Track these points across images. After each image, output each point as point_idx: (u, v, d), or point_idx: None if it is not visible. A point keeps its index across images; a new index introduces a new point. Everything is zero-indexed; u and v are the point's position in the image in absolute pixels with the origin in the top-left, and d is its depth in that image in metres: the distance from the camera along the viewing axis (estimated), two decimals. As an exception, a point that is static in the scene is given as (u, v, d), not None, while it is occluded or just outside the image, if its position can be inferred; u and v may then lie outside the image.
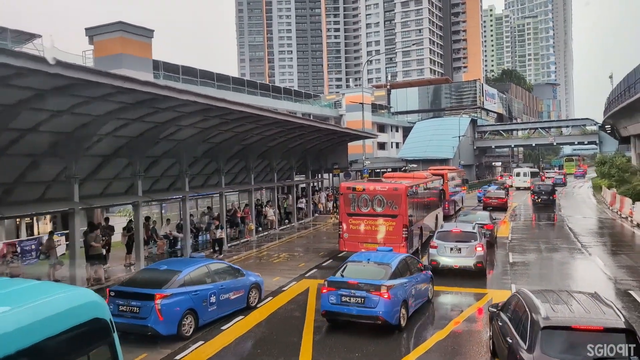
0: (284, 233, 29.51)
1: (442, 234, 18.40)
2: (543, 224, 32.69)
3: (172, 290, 11.61)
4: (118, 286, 12.30)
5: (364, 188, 20.55)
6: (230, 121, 20.55)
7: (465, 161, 69.21)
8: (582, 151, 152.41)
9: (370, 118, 73.23)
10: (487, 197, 40.66)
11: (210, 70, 52.69)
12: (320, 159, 37.69)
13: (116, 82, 12.55)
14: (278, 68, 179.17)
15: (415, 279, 13.37)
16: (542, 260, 21.08)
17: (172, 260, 15.74)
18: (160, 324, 11.28)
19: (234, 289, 13.50)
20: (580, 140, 74.84)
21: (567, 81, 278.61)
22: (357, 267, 12.93)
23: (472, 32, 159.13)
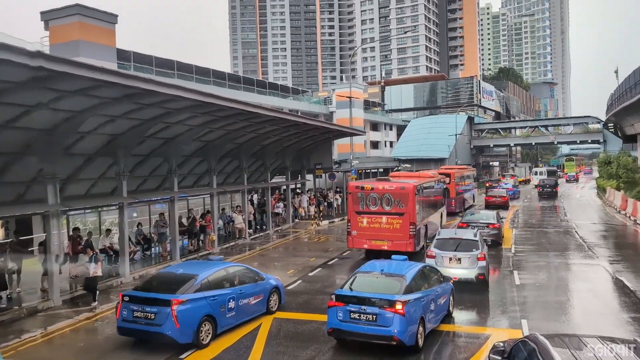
0: (256, 243, 25.78)
1: (441, 242, 16.72)
2: (550, 231, 29.01)
3: (189, 296, 11.00)
4: (132, 291, 11.61)
5: (373, 187, 21.00)
6: (174, 111, 16.96)
7: (462, 161, 65.60)
8: (580, 151, 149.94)
9: (363, 115, 69.56)
10: (490, 195, 42.18)
11: (188, 63, 48.95)
12: (302, 158, 34.02)
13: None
14: (272, 66, 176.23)
15: (434, 292, 11.95)
16: (556, 282, 17.32)
17: (188, 263, 15.29)
18: (176, 332, 10.61)
19: (254, 294, 12.84)
20: (582, 139, 71.25)
21: (564, 80, 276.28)
22: (368, 278, 11.53)
23: (468, 29, 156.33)
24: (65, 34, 33.19)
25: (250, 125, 22.52)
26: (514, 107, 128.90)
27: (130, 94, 14.08)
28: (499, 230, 23.81)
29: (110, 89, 13.06)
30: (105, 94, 13.64)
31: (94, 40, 33.58)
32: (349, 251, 23.17)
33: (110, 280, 17.21)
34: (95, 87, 12.79)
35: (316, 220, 32.27)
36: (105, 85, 12.54)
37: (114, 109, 14.90)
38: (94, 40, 33.58)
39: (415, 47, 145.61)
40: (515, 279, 17.21)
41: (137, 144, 18.23)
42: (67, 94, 12.76)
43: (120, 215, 17.69)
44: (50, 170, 14.67)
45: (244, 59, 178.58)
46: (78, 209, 18.39)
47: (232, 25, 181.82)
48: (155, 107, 15.86)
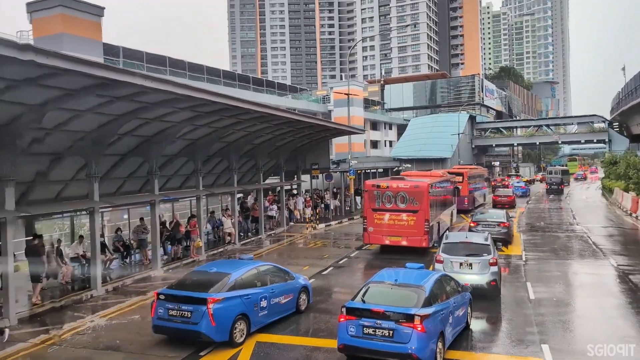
0: (247, 249, 24.04)
1: (449, 246, 15.67)
2: (561, 235, 27.27)
3: (224, 294, 11.06)
4: (167, 289, 11.56)
5: (388, 185, 22.00)
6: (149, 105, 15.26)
7: (464, 161, 63.89)
8: (582, 151, 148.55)
9: (362, 114, 67.78)
10: (497, 195, 43.07)
11: (181, 59, 47.25)
12: (297, 158, 32.26)
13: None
14: (271, 65, 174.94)
15: (453, 303, 11.03)
16: (575, 296, 15.60)
17: (220, 262, 15.17)
18: (212, 330, 10.65)
19: (284, 293, 12.85)
20: (588, 139, 69.46)
21: (565, 80, 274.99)
22: (382, 289, 10.57)
23: (469, 28, 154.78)
24: (48, 27, 31.49)
25: (239, 122, 20.84)
26: (516, 107, 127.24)
27: (96, 85, 12.37)
28: (508, 229, 24.01)
29: (71, 78, 11.38)
30: (67, 84, 11.95)
31: (79, 33, 31.86)
32: (346, 259, 21.61)
33: (80, 293, 15.48)
34: (51, 76, 11.09)
35: (312, 223, 30.54)
36: (62, 74, 10.85)
37: (78, 102, 13.16)
38: (79, 33, 31.86)
39: (415, 45, 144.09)
40: (530, 292, 15.45)
41: (109, 143, 16.48)
42: (16, 83, 11.07)
43: (92, 221, 15.94)
44: (6, 172, 12.93)
45: (243, 58, 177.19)
46: (42, 215, 16.66)
47: (231, 24, 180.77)
48: (126, 100, 14.16)
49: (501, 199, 41.23)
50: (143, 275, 18.18)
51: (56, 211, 17.21)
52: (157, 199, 18.73)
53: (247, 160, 27.95)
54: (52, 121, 13.72)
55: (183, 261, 20.57)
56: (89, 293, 15.59)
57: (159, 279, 18.20)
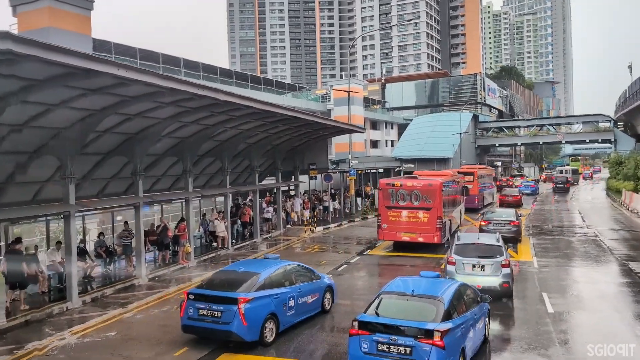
0: (240, 254, 22.66)
1: (461, 248, 15.44)
2: (572, 239, 25.89)
3: (254, 294, 11.03)
4: (197, 289, 11.60)
5: (402, 184, 22.73)
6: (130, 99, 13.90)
7: (466, 161, 62.49)
8: (584, 151, 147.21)
9: (362, 113, 66.24)
10: (504, 194, 43.91)
11: (175, 56, 45.87)
12: (294, 158, 30.89)
13: None
14: (270, 64, 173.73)
15: (473, 316, 10.14)
16: (600, 309, 14.15)
17: (247, 261, 14.93)
18: (243, 330, 10.62)
19: (311, 292, 12.81)
20: (592, 138, 67.98)
21: (566, 79, 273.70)
22: (397, 301, 9.70)
23: (470, 27, 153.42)
24: (34, 21, 29.98)
25: (231, 119, 19.47)
26: (518, 106, 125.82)
27: (62, 74, 11.01)
28: (518, 228, 24.54)
29: (29, 65, 10.02)
30: (27, 73, 10.59)
31: (66, 27, 30.37)
32: (345, 265, 20.25)
33: (53, 305, 14.09)
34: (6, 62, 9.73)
35: (310, 226, 29.14)
36: (20, 60, 9.50)
37: (44, 94, 11.79)
38: (66, 27, 30.37)
39: (416, 44, 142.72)
40: (547, 304, 14.05)
41: (87, 141, 15.14)
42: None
43: (67, 226, 14.56)
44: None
45: (242, 57, 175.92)
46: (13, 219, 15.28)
47: (230, 24, 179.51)
48: (101, 93, 12.77)
49: (508, 198, 41.85)
50: (126, 284, 16.79)
51: (26, 215, 15.69)
52: (140, 202, 17.34)
53: (242, 160, 26.59)
54: (17, 116, 12.35)
55: (171, 268, 19.18)
56: (64, 305, 14.20)
57: (143, 287, 16.86)
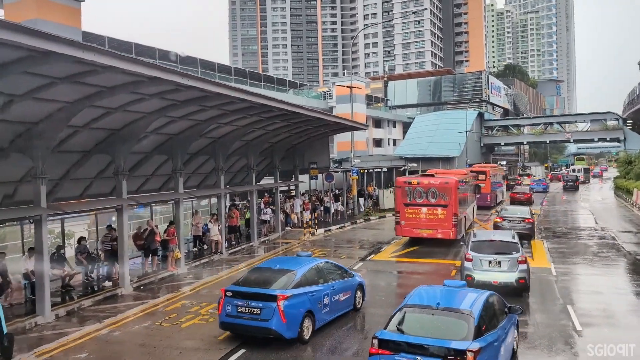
0: (235, 259, 21.19)
1: (478, 245, 15.58)
2: (589, 242, 24.33)
3: (292, 291, 10.97)
4: (235, 286, 11.46)
5: (419, 182, 23.53)
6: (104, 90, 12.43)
7: (471, 160, 60.92)
8: (588, 150, 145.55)
9: (365, 111, 64.63)
10: (515, 192, 44.40)
11: (172, 51, 44.41)
12: (294, 156, 29.42)
13: None
14: (272, 62, 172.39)
15: (503, 331, 9.09)
16: (633, 324, 12.58)
17: (281, 259, 14.63)
18: (283, 327, 10.60)
19: (343, 290, 12.77)
20: (601, 137, 66.23)
21: (570, 78, 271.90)
22: (421, 316, 8.70)
23: (474, 25, 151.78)
24: (21, 13, 28.58)
25: (224, 114, 18.02)
26: (522, 105, 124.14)
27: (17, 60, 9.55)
28: (532, 225, 24.79)
29: None
30: None
31: (55, 19, 28.94)
32: (347, 272, 18.68)
33: (20, 320, 12.60)
34: None
35: (310, 228, 27.63)
36: None
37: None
38: (55, 19, 28.94)
39: (419, 42, 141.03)
40: (574, 320, 12.49)
41: (61, 138, 13.70)
42: None
43: (37, 231, 13.06)
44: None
45: (244, 55, 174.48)
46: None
47: (231, 22, 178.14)
48: (69, 82, 11.32)
49: (519, 196, 42.22)
50: (107, 295, 15.32)
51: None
52: (124, 204, 15.85)
53: (238, 159, 25.13)
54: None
55: (159, 275, 17.70)
56: (32, 320, 12.72)
57: (127, 298, 15.40)
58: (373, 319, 12.91)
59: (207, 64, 48.00)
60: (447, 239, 22.88)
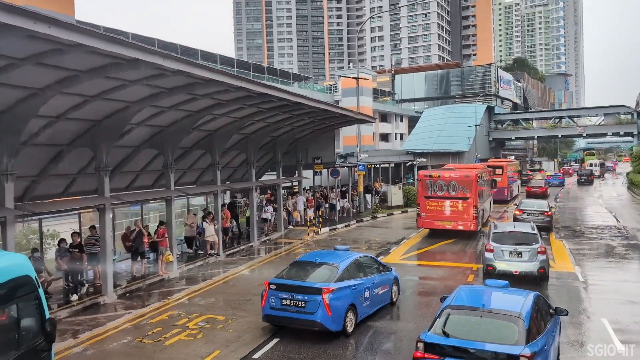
0: (233, 261, 19.67)
1: (498, 236, 16.24)
2: (612, 243, 22.66)
3: (336, 285, 11.04)
4: (278, 279, 11.51)
5: (439, 175, 24.20)
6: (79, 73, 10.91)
7: (481, 154, 59.19)
8: (598, 144, 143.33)
9: (371, 105, 62.88)
10: (530, 186, 45.44)
11: (173, 42, 42.87)
12: (298, 151, 27.85)
13: None
14: (277, 57, 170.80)
15: (552, 334, 8.50)
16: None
17: (320, 253, 14.09)
18: (328, 320, 10.68)
19: (381, 284, 12.82)
20: (614, 131, 64.12)
21: (578, 72, 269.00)
22: (467, 318, 8.10)
23: (482, 18, 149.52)
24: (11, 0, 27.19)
25: (219, 104, 16.52)
26: (531, 99, 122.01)
27: None
28: (551, 218, 25.78)
29: None
30: None
31: (46, 7, 27.58)
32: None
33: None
34: None
35: (314, 227, 26.08)
36: None
37: None
38: (46, 7, 27.58)
39: (426, 35, 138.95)
40: (613, 338, 10.88)
41: (33, 131, 12.21)
42: None
43: (2, 234, 11.57)
44: None
45: (249, 49, 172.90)
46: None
47: (236, 16, 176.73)
48: (31, 63, 9.80)
49: (534, 190, 43.14)
50: (86, 304, 13.83)
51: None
52: (107, 203, 14.33)
53: (238, 153, 23.60)
54: None
55: (147, 280, 16.20)
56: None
57: (109, 307, 13.93)
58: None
59: (209, 56, 46.49)
60: (467, 231, 23.63)
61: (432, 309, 12.56)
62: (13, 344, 6.58)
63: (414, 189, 38.34)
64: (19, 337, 6.71)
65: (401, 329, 11.95)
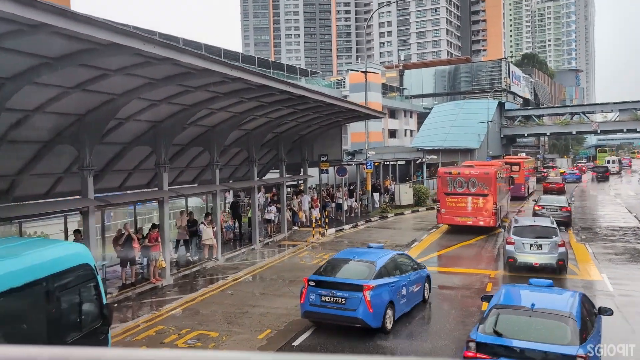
0: (231, 267, 18.36)
1: (519, 229, 16.85)
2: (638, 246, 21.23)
3: (376, 282, 11.08)
4: (317, 275, 11.58)
5: (459, 172, 24.51)
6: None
7: (492, 151, 57.68)
8: (609, 141, 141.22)
9: (380, 100, 61.50)
10: (548, 182, 46.23)
11: (176, 36, 41.62)
12: (303, 148, 26.51)
13: None
14: (285, 52, 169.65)
15: (598, 334, 8.26)
16: None
17: (356, 251, 14.19)
18: (370, 316, 10.68)
19: (416, 282, 12.86)
20: (630, 127, 62.25)
21: (588, 67, 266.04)
22: (517, 318, 8.02)
23: (492, 12, 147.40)
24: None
25: (216, 97, 15.20)
26: (542, 95, 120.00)
27: None
28: (569, 213, 26.48)
29: None
30: None
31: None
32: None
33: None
34: None
35: (319, 228, 24.74)
36: None
37: None
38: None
39: (435, 31, 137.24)
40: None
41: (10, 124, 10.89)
42: None
43: None
44: None
45: (256, 45, 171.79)
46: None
47: (243, 11, 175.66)
48: None
49: (552, 186, 43.68)
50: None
51: None
52: (90, 205, 13.03)
53: (239, 150, 22.31)
54: None
55: (137, 289, 14.91)
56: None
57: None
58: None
59: (213, 49, 45.16)
60: (484, 231, 24.08)
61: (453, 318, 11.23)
62: (76, 326, 7.27)
63: (424, 188, 36.93)
64: (81, 320, 7.38)
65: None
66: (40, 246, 7.76)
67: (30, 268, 6.67)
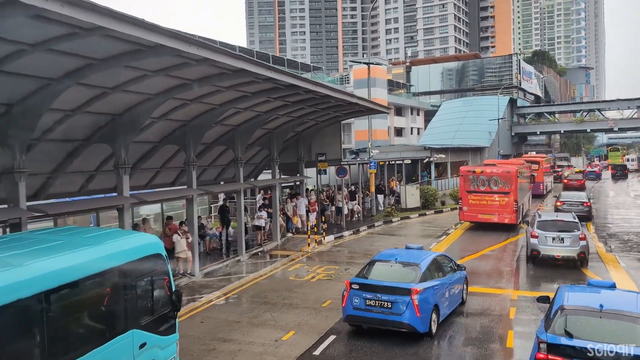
0: (208, 284, 15.82)
1: (543, 224, 17.64)
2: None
3: (422, 285, 10.80)
4: (361, 279, 11.31)
5: (482, 170, 25.49)
6: None
7: (503, 150, 55.05)
8: (621, 140, 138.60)
9: (386, 97, 58.74)
10: (568, 179, 47.77)
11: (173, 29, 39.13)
12: (299, 146, 24.02)
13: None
14: (290, 50, 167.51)
15: None
16: None
17: (394, 252, 13.10)
18: (417, 320, 10.48)
19: (457, 283, 12.66)
20: (648, 125, 59.67)
21: (598, 65, 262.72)
22: (588, 319, 7.89)
23: (501, 8, 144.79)
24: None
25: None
26: (553, 92, 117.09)
27: None
28: (590, 208, 27.74)
29: None
30: None
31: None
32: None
33: None
34: None
35: (316, 235, 22.20)
36: None
37: None
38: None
39: (443, 27, 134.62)
40: None
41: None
42: None
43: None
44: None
45: (262, 42, 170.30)
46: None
47: (248, 8, 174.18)
48: None
49: (572, 183, 44.84)
50: None
51: None
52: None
53: (224, 149, 19.82)
54: None
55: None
56: None
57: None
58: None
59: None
60: (508, 224, 24.54)
61: None
62: (149, 310, 7.77)
63: (432, 189, 34.42)
64: (153, 305, 7.85)
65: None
66: (118, 237, 8.26)
67: (111, 255, 7.11)
